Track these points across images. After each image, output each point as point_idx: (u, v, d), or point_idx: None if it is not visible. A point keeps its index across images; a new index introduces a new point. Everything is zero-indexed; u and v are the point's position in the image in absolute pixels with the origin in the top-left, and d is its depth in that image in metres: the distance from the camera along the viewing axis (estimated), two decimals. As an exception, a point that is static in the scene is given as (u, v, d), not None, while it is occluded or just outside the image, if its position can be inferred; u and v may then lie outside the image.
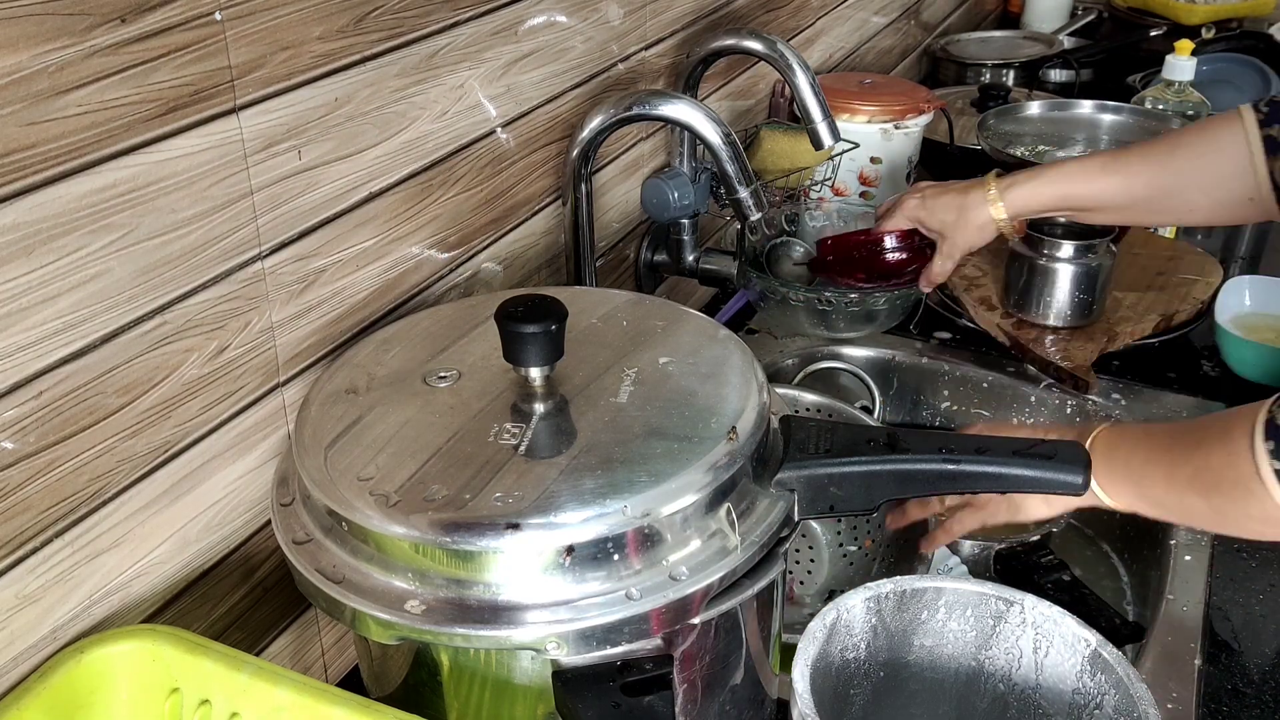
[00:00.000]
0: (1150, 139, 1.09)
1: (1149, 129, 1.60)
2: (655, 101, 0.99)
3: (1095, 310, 1.29)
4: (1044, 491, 0.73)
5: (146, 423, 0.71)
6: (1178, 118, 1.60)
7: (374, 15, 0.81)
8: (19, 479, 0.63)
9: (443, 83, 0.90)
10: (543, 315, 0.69)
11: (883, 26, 2.01)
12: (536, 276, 1.11)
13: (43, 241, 0.61)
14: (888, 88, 1.52)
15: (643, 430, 0.68)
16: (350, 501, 0.64)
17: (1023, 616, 0.70)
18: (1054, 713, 0.70)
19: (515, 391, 0.71)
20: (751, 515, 0.67)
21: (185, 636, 0.67)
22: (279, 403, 0.81)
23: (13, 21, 0.57)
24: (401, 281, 0.91)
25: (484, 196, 0.99)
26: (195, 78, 0.68)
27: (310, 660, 0.89)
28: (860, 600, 0.70)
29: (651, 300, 0.84)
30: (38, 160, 0.60)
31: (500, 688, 0.66)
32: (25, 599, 0.65)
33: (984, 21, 2.71)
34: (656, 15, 1.21)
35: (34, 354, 0.63)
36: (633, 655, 0.63)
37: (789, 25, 1.59)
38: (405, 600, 0.62)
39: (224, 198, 0.72)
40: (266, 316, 0.78)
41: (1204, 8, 2.35)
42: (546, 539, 0.61)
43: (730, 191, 1.01)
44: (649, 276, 1.31)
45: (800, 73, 1.11)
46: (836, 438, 0.72)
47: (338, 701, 0.62)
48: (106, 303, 0.66)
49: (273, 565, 0.83)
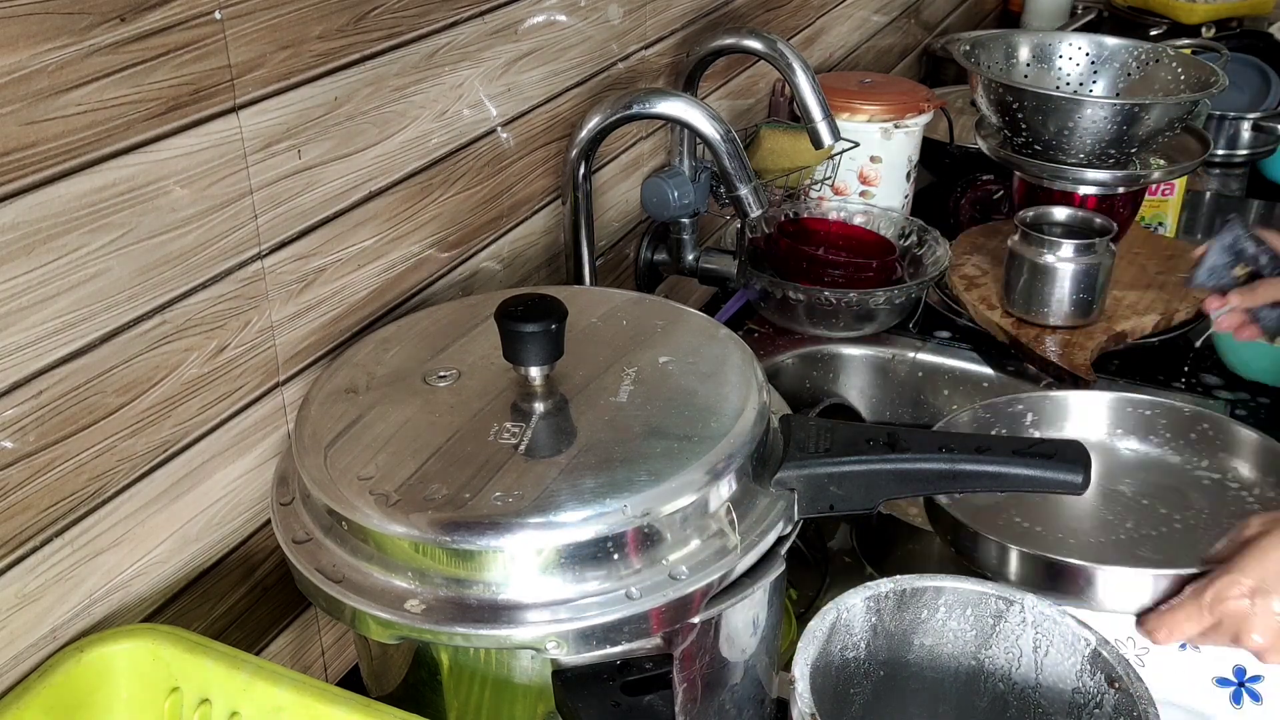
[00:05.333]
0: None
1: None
2: (655, 100, 0.99)
3: (1095, 309, 1.29)
4: (1044, 491, 0.73)
5: (146, 422, 0.71)
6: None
7: (374, 14, 0.81)
8: (19, 478, 0.63)
9: (442, 82, 0.90)
10: (542, 314, 0.69)
11: (883, 26, 2.01)
12: (536, 276, 1.11)
13: (42, 241, 0.61)
14: (888, 87, 1.52)
15: (642, 429, 0.68)
16: (350, 501, 0.64)
17: (1023, 615, 0.70)
18: (1054, 712, 0.70)
19: (515, 391, 0.71)
20: (751, 515, 0.67)
21: (185, 636, 0.67)
22: (279, 402, 0.81)
23: (12, 20, 0.57)
24: (401, 281, 0.91)
25: (484, 196, 0.99)
26: (195, 77, 0.68)
27: (310, 660, 0.89)
28: (860, 600, 0.70)
29: (651, 299, 0.84)
30: (37, 159, 0.60)
31: (500, 687, 0.66)
32: (25, 598, 0.65)
33: (984, 21, 2.71)
34: (656, 14, 1.21)
35: (33, 353, 0.63)
36: (632, 654, 0.63)
37: (789, 24, 1.59)
38: (405, 599, 0.62)
39: (223, 197, 0.72)
40: (266, 316, 0.78)
41: (1204, 7, 2.35)
42: (546, 538, 0.61)
43: (730, 189, 1.01)
44: (649, 276, 1.31)
45: (800, 72, 1.11)
46: (836, 437, 0.72)
47: (338, 701, 0.62)
48: (106, 302, 0.66)
49: (273, 564, 0.83)
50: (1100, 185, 1.37)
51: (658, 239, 1.30)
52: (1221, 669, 0.83)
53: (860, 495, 0.71)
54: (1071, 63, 1.52)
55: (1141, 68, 1.48)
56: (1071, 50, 1.53)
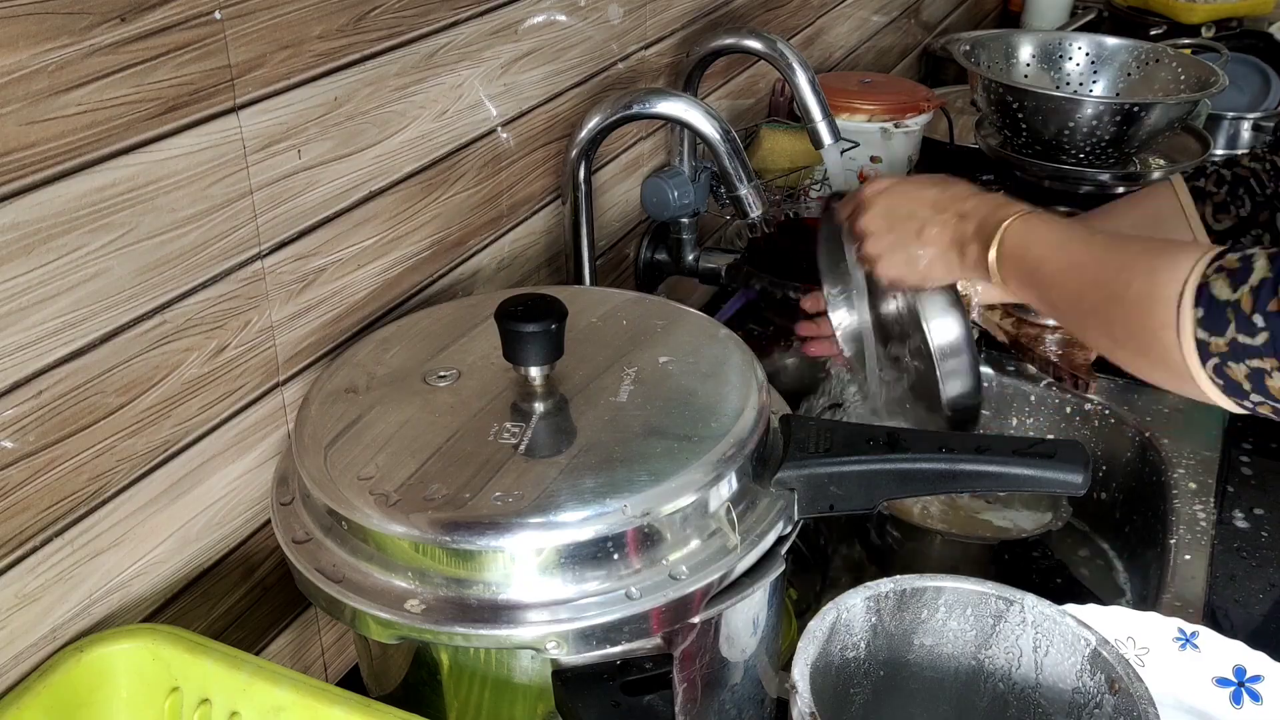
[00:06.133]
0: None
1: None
2: (654, 99, 0.99)
3: (1095, 309, 1.29)
4: (1044, 490, 0.73)
5: (146, 422, 0.71)
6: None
7: (374, 14, 0.81)
8: (19, 478, 0.63)
9: (442, 82, 0.90)
10: (542, 314, 0.69)
11: (883, 25, 2.01)
12: (536, 275, 1.11)
13: (42, 241, 0.61)
14: (887, 87, 1.52)
15: (642, 429, 0.68)
16: (350, 501, 0.64)
17: (1023, 615, 0.70)
18: (1054, 712, 0.70)
19: (515, 391, 0.71)
20: (751, 514, 0.67)
21: (185, 635, 0.66)
22: (279, 402, 0.81)
23: (12, 20, 0.57)
24: (401, 281, 0.91)
25: (484, 195, 0.99)
26: (195, 77, 0.68)
27: (310, 659, 0.89)
28: (860, 599, 0.70)
29: (651, 299, 0.84)
30: (37, 159, 0.60)
31: (500, 687, 0.66)
32: (25, 598, 0.65)
33: (984, 20, 2.71)
34: (656, 14, 1.21)
35: (33, 353, 0.63)
36: (632, 654, 0.63)
37: (789, 24, 1.59)
38: (405, 599, 0.62)
39: (223, 197, 0.72)
40: (266, 316, 0.78)
41: (1204, 7, 2.35)
42: (546, 538, 0.61)
43: (730, 189, 1.01)
44: (649, 275, 1.31)
45: (800, 72, 1.11)
46: (836, 437, 0.72)
47: (338, 701, 0.62)
48: (106, 302, 0.66)
49: (273, 564, 0.83)
50: (1100, 185, 1.37)
51: (658, 239, 1.30)
52: (1221, 669, 0.83)
53: (860, 495, 0.71)
54: (1071, 63, 1.52)
55: (1141, 68, 1.49)
56: (1071, 50, 1.53)
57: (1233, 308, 0.69)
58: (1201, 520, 1.04)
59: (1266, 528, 1.05)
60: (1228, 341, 0.69)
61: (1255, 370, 0.68)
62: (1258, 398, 0.70)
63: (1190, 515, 1.05)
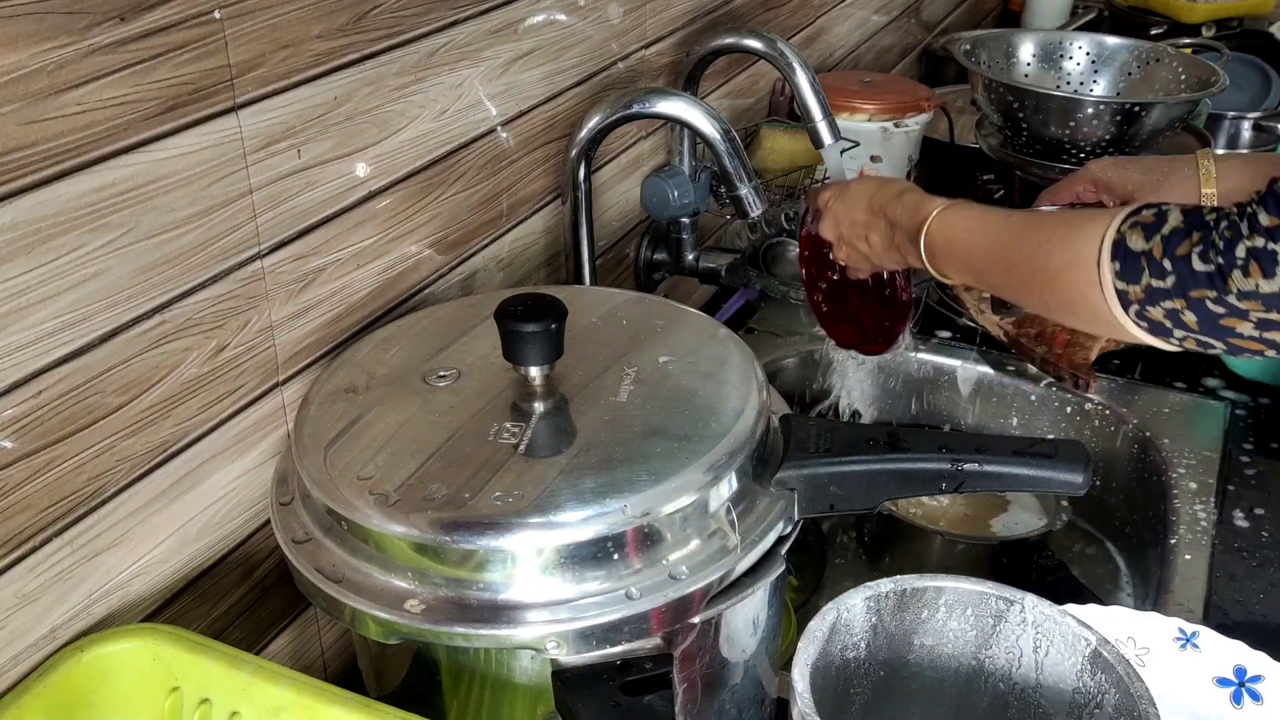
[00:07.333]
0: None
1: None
2: (654, 99, 0.99)
3: (1096, 309, 1.29)
4: (1044, 490, 0.73)
5: (146, 422, 0.71)
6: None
7: (373, 14, 0.81)
8: (18, 478, 0.63)
9: (442, 81, 0.90)
10: (542, 314, 0.69)
11: (883, 25, 2.01)
12: (536, 275, 1.11)
13: (42, 240, 0.61)
14: (888, 86, 1.52)
15: (642, 429, 0.68)
16: (350, 501, 0.64)
17: (1023, 615, 0.70)
18: (1054, 712, 0.70)
19: (515, 390, 0.71)
20: (751, 514, 0.67)
21: (185, 635, 0.66)
22: (278, 402, 0.81)
23: (12, 20, 0.57)
24: (401, 281, 0.91)
25: (483, 195, 0.99)
26: (194, 76, 0.68)
27: (310, 659, 0.89)
28: (860, 599, 0.70)
29: (651, 299, 0.84)
30: (37, 159, 0.60)
31: (500, 687, 0.66)
32: (25, 598, 0.65)
33: (984, 20, 2.71)
34: (656, 14, 1.21)
35: (33, 353, 0.63)
36: (632, 654, 0.63)
37: (789, 24, 1.59)
38: (405, 599, 0.62)
39: (223, 196, 0.72)
40: (266, 315, 0.78)
41: (1204, 6, 2.35)
42: (546, 538, 0.61)
43: (730, 189, 1.01)
44: (649, 275, 1.31)
45: (800, 71, 1.11)
46: (837, 437, 0.72)
47: (338, 701, 0.62)
48: (105, 302, 0.66)
49: (272, 564, 0.83)
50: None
51: (658, 239, 1.29)
52: (1222, 669, 0.83)
53: (860, 495, 0.71)
54: (1072, 62, 1.52)
55: (1142, 67, 1.48)
56: (1072, 50, 1.53)
57: (1146, 256, 0.72)
58: (1202, 520, 1.04)
59: (1267, 528, 1.05)
60: (1143, 288, 0.72)
61: (1170, 311, 0.72)
62: (1180, 333, 0.73)
63: (1191, 515, 1.05)
